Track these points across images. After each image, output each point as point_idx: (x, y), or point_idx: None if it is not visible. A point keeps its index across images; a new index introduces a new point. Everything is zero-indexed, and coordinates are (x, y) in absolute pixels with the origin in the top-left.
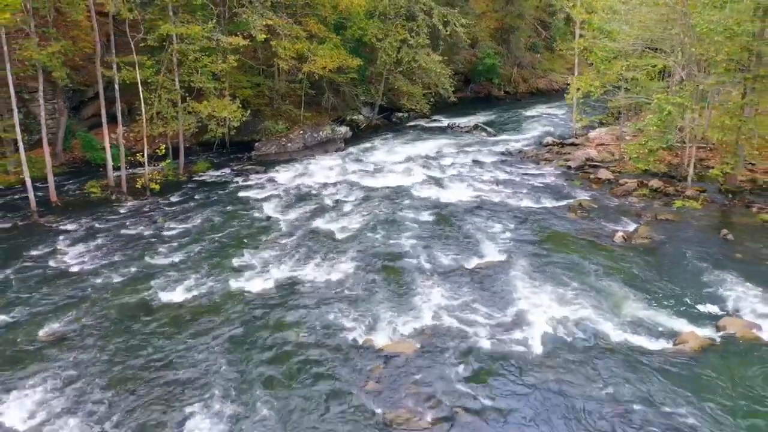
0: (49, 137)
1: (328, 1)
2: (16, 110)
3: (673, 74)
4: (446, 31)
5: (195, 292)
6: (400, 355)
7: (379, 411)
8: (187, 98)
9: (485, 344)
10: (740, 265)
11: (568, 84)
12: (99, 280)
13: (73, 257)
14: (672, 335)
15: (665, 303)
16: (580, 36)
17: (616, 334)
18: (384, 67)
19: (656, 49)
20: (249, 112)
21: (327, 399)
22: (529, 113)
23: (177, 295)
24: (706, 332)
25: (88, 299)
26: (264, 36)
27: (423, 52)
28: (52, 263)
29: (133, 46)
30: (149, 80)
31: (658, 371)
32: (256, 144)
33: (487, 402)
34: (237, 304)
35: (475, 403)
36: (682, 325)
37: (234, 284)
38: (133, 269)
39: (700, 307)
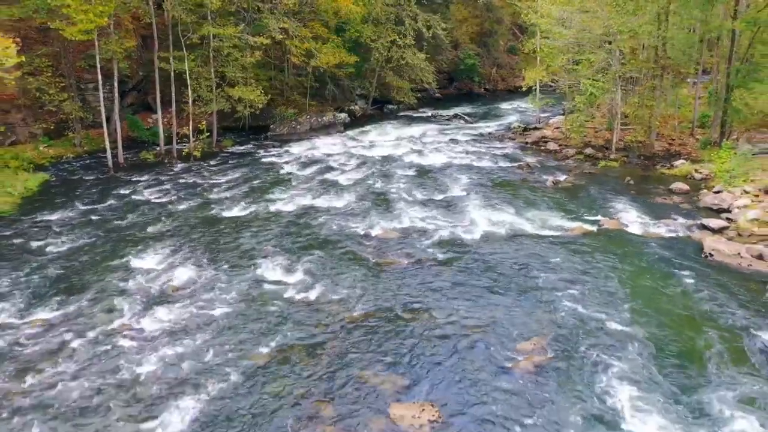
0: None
1: (330, 8)
2: (101, 95)
3: (595, 65)
4: (429, 33)
5: (245, 212)
6: (388, 238)
7: (374, 260)
8: (223, 85)
9: (444, 234)
10: (629, 196)
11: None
12: (173, 206)
13: (149, 195)
14: (567, 229)
15: (568, 215)
16: (541, 36)
17: (531, 230)
18: (377, 63)
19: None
20: (269, 96)
21: (343, 257)
22: (504, 107)
23: (233, 213)
24: (589, 227)
25: (171, 215)
26: (281, 36)
27: (410, 51)
28: (135, 198)
29: (183, 43)
30: (191, 71)
31: (552, 245)
32: (271, 126)
33: (441, 257)
34: (276, 217)
35: (435, 256)
36: (575, 224)
37: (271, 207)
38: (195, 200)
39: (591, 216)
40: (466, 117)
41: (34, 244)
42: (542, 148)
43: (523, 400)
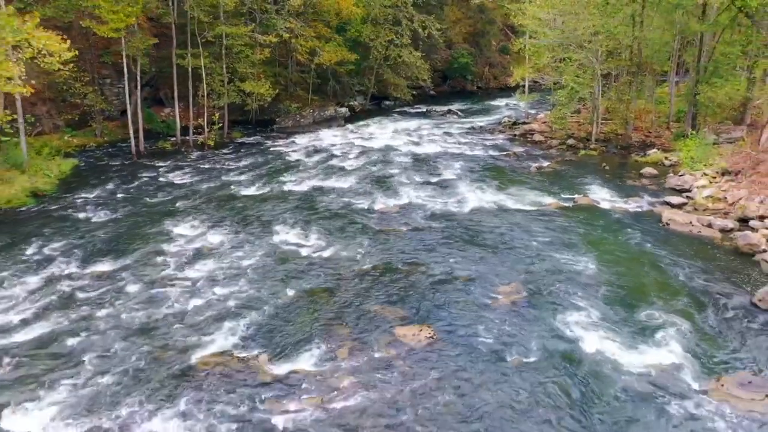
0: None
1: (332, 9)
2: (127, 89)
3: (576, 62)
4: (424, 33)
5: (261, 191)
6: (388, 212)
7: (377, 228)
8: (234, 80)
9: (438, 208)
10: (604, 179)
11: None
12: (197, 186)
13: (173, 177)
14: (545, 204)
15: (547, 193)
16: (529, 37)
17: (514, 205)
18: (375, 61)
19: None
20: (277, 91)
21: (350, 226)
22: (495, 103)
23: (249, 191)
24: (565, 203)
25: (196, 193)
26: (287, 36)
27: (406, 51)
28: (161, 180)
29: (199, 41)
30: (206, 66)
31: (531, 216)
32: (277, 119)
33: (436, 225)
34: (289, 195)
35: (430, 225)
36: (552, 200)
37: (284, 187)
38: (215, 181)
39: (567, 194)
40: (459, 112)
41: (80, 215)
42: (529, 139)
43: (501, 325)
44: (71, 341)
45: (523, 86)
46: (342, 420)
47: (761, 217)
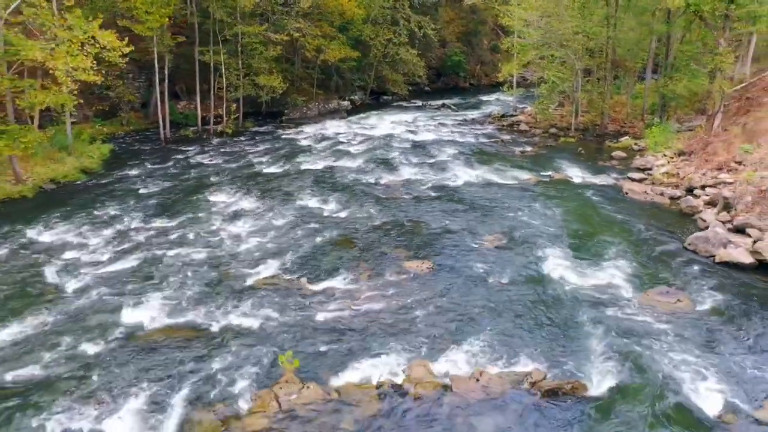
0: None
1: (336, 10)
2: (157, 82)
3: (556, 60)
4: (420, 33)
5: (281, 169)
6: (392, 185)
7: (384, 197)
8: (250, 74)
9: (434, 182)
10: (578, 160)
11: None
12: (223, 166)
13: (200, 158)
14: (525, 179)
15: (528, 171)
16: (517, 36)
17: (499, 180)
18: (375, 59)
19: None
20: (286, 85)
21: (361, 195)
22: (486, 99)
23: (271, 170)
24: (542, 178)
25: (224, 171)
26: (297, 35)
27: (403, 49)
28: (191, 161)
29: (220, 39)
30: (224, 62)
31: (513, 188)
32: (285, 111)
33: (433, 194)
34: (306, 172)
35: (428, 194)
36: (531, 176)
37: (301, 167)
38: (239, 162)
39: (545, 172)
40: (452, 106)
41: (129, 187)
42: (515, 129)
43: (485, 260)
44: (152, 270)
45: (511, 81)
46: (366, 316)
47: (703, 187)
